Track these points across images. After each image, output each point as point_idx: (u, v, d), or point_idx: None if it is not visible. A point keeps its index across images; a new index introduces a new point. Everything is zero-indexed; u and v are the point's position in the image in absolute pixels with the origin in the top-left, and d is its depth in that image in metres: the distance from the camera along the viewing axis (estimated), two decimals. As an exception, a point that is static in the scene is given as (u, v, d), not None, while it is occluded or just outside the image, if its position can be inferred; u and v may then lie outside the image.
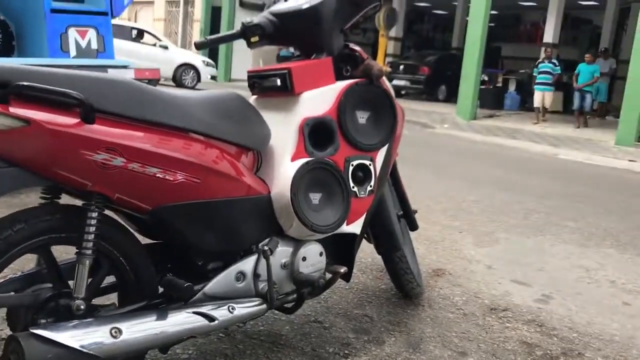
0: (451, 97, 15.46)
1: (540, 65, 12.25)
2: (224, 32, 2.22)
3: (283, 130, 1.90)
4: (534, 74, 12.39)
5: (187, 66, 15.29)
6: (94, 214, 1.51)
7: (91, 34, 4.25)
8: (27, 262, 1.84)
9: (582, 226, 4.48)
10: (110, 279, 1.68)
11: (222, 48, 18.02)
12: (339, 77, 2.01)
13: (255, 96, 2.05)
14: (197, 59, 15.75)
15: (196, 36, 19.75)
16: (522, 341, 2.41)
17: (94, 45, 4.27)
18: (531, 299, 2.89)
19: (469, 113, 12.56)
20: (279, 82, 1.90)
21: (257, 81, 1.99)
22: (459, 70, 12.79)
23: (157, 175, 1.52)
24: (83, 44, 4.22)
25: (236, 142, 1.77)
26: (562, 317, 2.70)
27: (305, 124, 1.89)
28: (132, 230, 1.69)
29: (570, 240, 4.04)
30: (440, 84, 16.86)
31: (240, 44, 2.10)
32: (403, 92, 16.57)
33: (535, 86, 12.27)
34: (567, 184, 6.36)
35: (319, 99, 1.93)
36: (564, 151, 9.44)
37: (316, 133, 1.91)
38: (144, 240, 1.75)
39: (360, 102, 2.01)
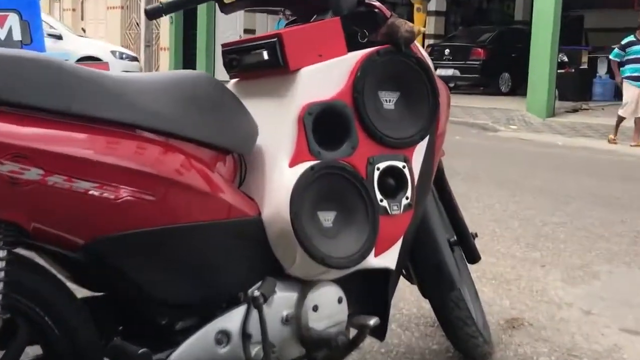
0: (518, 87, 15.39)
1: (631, 48, 9.93)
2: (200, 20, 2.26)
3: (275, 124, 1.88)
4: (615, 59, 10.23)
5: (90, 60, 14.35)
6: (1, 254, 1.46)
7: (12, 20, 4.24)
8: None
9: None
10: (35, 349, 1.63)
11: (201, 40, 18.22)
12: (353, 45, 1.99)
13: (234, 79, 2.05)
14: (105, 49, 15.43)
15: (165, 27, 19.97)
16: (644, 415, 2.29)
17: (17, 36, 4.26)
18: (652, 355, 2.80)
19: (545, 108, 12.49)
20: (265, 55, 1.88)
21: (236, 57, 1.98)
22: (526, 51, 12.76)
23: (91, 192, 1.49)
24: (2, 33, 4.22)
25: (208, 142, 1.76)
26: (700, 378, 2.59)
27: (307, 112, 1.85)
28: (61, 278, 1.66)
29: (700, 271, 3.94)
30: (501, 70, 16.85)
31: (223, 37, 2.13)
32: (452, 84, 16.61)
33: (626, 79, 10.04)
34: (690, 195, 6.25)
35: (325, 77, 1.90)
36: (683, 151, 9.30)
37: (324, 125, 1.88)
38: (81, 292, 1.71)
39: (384, 79, 1.98)
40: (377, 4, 2.07)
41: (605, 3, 19.81)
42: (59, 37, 14.85)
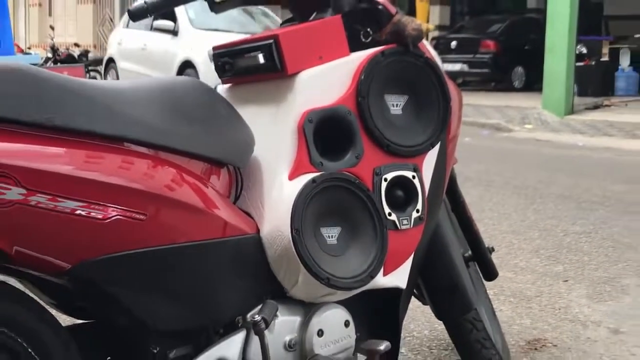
0: (533, 82, 15.37)
1: None
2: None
3: (273, 133, 1.91)
4: None
5: (190, 67, 12.73)
6: (-21, 281, 1.48)
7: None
8: None
9: None
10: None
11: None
12: (356, 45, 2.01)
13: (227, 84, 2.07)
14: (202, 53, 12.16)
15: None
16: None
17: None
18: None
19: (563, 105, 12.40)
20: (261, 58, 1.90)
21: (229, 61, 1.99)
22: (541, 42, 12.75)
23: (78, 212, 1.50)
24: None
25: (201, 154, 1.78)
26: None
27: (307, 119, 1.88)
28: (45, 305, 1.66)
29: None
30: (514, 64, 16.87)
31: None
32: (460, 80, 16.61)
33: None
34: None
35: (326, 81, 1.93)
36: None
37: (326, 133, 1.90)
38: (66, 320, 1.72)
39: (390, 81, 2.00)
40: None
41: (627, -12, 19.86)
42: (175, 34, 13.13)
